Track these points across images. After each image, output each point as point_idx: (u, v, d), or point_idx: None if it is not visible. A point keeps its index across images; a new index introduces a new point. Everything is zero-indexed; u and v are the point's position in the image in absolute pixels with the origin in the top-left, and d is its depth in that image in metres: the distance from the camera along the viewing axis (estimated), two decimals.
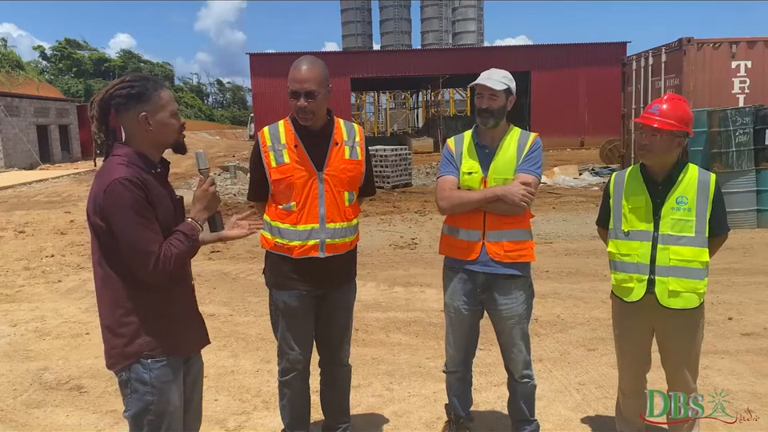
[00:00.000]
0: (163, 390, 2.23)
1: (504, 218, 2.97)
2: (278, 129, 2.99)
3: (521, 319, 3.07)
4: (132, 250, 2.11)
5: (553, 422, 3.67)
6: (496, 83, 2.98)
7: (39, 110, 32.64)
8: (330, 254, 2.95)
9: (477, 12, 63.19)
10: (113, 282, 2.20)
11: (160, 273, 2.13)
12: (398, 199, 14.89)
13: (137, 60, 78.25)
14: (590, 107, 34.33)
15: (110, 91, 2.20)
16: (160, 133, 2.24)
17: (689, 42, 12.11)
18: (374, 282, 7.06)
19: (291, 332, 3.04)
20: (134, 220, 2.08)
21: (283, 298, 3.01)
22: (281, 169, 2.91)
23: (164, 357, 2.23)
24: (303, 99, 2.82)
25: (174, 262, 2.15)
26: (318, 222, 2.91)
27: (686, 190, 2.80)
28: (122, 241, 2.10)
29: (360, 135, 3.07)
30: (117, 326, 2.21)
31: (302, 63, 2.86)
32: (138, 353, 2.20)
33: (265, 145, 2.96)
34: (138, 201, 2.09)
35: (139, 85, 2.20)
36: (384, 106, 57.06)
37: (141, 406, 2.22)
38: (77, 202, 15.29)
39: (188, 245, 2.22)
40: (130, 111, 2.19)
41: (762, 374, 4.19)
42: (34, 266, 8.37)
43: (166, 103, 2.24)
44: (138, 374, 2.21)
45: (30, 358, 4.95)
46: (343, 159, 2.97)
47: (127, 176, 2.09)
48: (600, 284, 6.56)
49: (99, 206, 2.10)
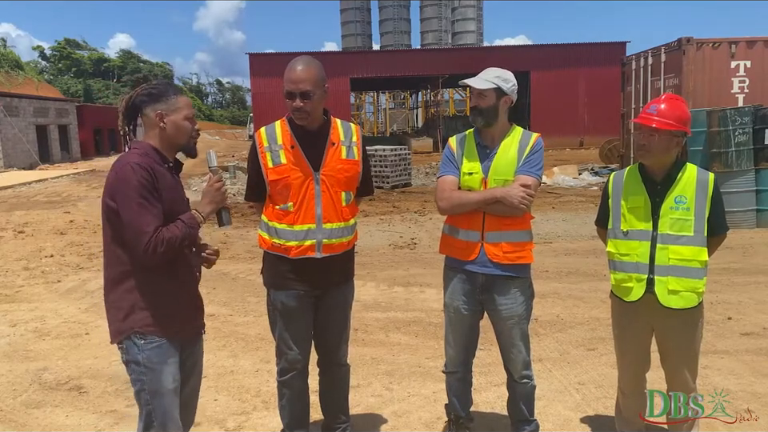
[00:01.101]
0: (155, 371, 2.40)
1: (503, 219, 2.96)
2: (274, 129, 2.98)
3: (520, 320, 3.06)
4: (130, 228, 2.29)
5: (552, 421, 3.67)
6: (481, 82, 2.97)
7: (38, 110, 32.63)
8: (326, 255, 2.95)
9: (476, 12, 63.14)
10: (119, 261, 2.39)
11: (150, 253, 2.28)
12: (397, 199, 14.89)
13: (136, 60, 78.10)
14: (590, 107, 34.35)
15: (138, 91, 2.48)
16: (173, 132, 2.46)
17: (688, 41, 12.10)
18: (374, 282, 7.06)
19: (289, 332, 3.04)
20: (136, 201, 2.27)
21: (281, 298, 3.01)
22: (277, 169, 2.90)
23: (156, 337, 2.41)
24: (299, 100, 2.81)
25: (165, 245, 2.30)
26: (314, 223, 2.90)
27: (684, 189, 2.80)
28: (124, 219, 2.29)
29: (357, 135, 3.06)
30: (118, 301, 2.41)
31: (297, 64, 2.85)
32: (131, 328, 2.38)
33: (262, 145, 2.95)
34: (143, 184, 2.28)
35: (161, 87, 2.49)
36: (383, 106, 57.06)
37: (138, 385, 2.43)
38: (76, 202, 15.28)
39: (184, 231, 2.38)
40: (148, 108, 2.44)
41: (761, 374, 4.19)
42: (34, 266, 8.36)
43: (182, 107, 2.48)
44: (133, 354, 2.41)
45: (30, 359, 4.94)
46: (340, 159, 2.97)
47: (138, 161, 2.32)
48: (599, 284, 6.56)
49: (111, 187, 2.33)
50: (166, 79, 13.63)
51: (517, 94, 3.06)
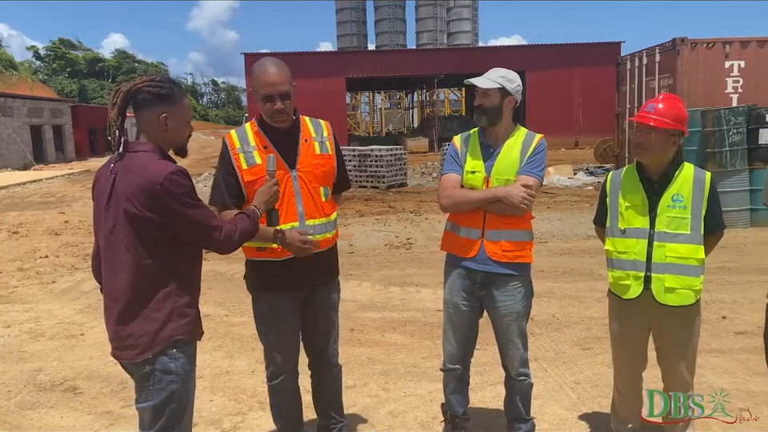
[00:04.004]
0: (186, 379, 2.34)
1: (503, 218, 2.98)
2: (245, 132, 2.94)
3: (518, 317, 3.07)
4: (200, 229, 2.31)
5: (548, 421, 3.68)
6: (485, 82, 2.99)
7: (33, 110, 32.52)
8: (314, 251, 2.94)
9: (471, 12, 63.17)
10: (152, 271, 2.27)
11: (227, 243, 2.38)
12: (393, 199, 14.90)
13: (131, 60, 77.90)
14: (585, 107, 34.44)
15: (139, 85, 2.30)
16: (173, 135, 2.38)
17: (682, 41, 12.14)
18: (370, 282, 7.06)
19: (278, 336, 3.01)
20: (194, 205, 2.28)
21: (268, 302, 2.98)
22: (253, 170, 2.86)
23: (191, 342, 2.37)
24: (279, 102, 2.79)
25: (239, 235, 2.42)
26: (297, 220, 2.89)
27: (681, 187, 2.81)
28: (189, 224, 2.27)
29: (328, 130, 3.05)
30: (151, 312, 2.27)
31: (268, 66, 2.81)
32: (170, 337, 2.29)
33: (234, 147, 2.90)
34: (191, 188, 2.29)
35: (168, 87, 2.34)
36: (379, 106, 57.09)
37: (165, 395, 2.29)
38: (71, 203, 15.24)
39: (250, 223, 2.51)
40: (152, 109, 2.30)
41: (755, 373, 4.20)
42: (28, 267, 8.34)
43: (186, 111, 2.41)
44: (164, 364, 2.28)
45: (24, 359, 4.92)
46: (314, 155, 2.96)
47: (179, 168, 2.25)
48: (595, 283, 6.58)
49: (155, 198, 2.19)
50: (133, 72, 12.52)
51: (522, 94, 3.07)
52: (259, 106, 2.86)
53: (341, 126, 35.95)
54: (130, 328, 2.27)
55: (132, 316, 2.27)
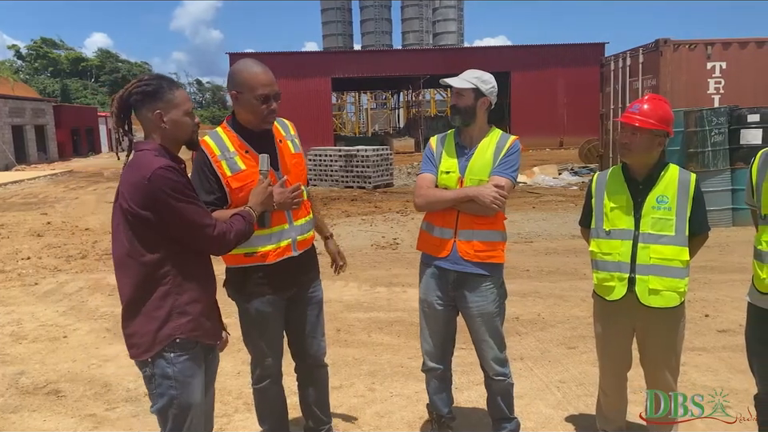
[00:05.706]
0: (186, 384, 2.31)
1: (476, 218, 3.00)
2: (220, 137, 2.85)
3: (491, 317, 3.08)
4: (190, 226, 2.26)
5: (534, 420, 3.69)
6: (460, 81, 3.03)
7: (14, 110, 32.10)
8: (301, 251, 2.95)
9: (457, 12, 63.49)
10: (149, 269, 2.26)
11: (220, 242, 2.34)
12: (379, 199, 14.90)
13: (114, 60, 77.07)
14: (569, 107, 34.66)
15: (129, 89, 2.32)
16: (174, 130, 2.34)
17: (665, 43, 12.26)
18: (356, 283, 7.05)
19: (265, 339, 2.99)
20: (184, 200, 2.23)
21: (255, 306, 2.93)
22: (238, 176, 2.77)
23: (195, 343, 2.33)
24: (274, 102, 2.77)
25: (234, 235, 2.39)
26: (287, 222, 2.88)
27: (666, 189, 2.83)
28: (178, 220, 2.23)
29: (293, 128, 3.06)
30: (151, 311, 2.27)
31: (256, 67, 2.76)
32: (170, 336, 2.27)
33: (214, 155, 2.79)
34: (183, 183, 2.25)
35: (154, 83, 2.31)
36: (365, 106, 57.01)
37: (165, 400, 2.30)
38: (53, 204, 15.05)
39: (245, 225, 2.47)
40: (145, 108, 2.30)
41: (737, 370, 4.25)
42: (10, 269, 8.22)
43: (180, 102, 2.34)
44: (162, 368, 2.28)
45: (6, 362, 4.86)
46: (291, 154, 2.96)
47: (169, 164, 2.23)
48: (580, 282, 6.62)
49: (144, 194, 2.18)
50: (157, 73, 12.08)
51: (497, 96, 3.10)
52: (248, 107, 2.77)
53: (326, 126, 35.91)
54: (133, 326, 2.30)
55: (134, 314, 2.29)
